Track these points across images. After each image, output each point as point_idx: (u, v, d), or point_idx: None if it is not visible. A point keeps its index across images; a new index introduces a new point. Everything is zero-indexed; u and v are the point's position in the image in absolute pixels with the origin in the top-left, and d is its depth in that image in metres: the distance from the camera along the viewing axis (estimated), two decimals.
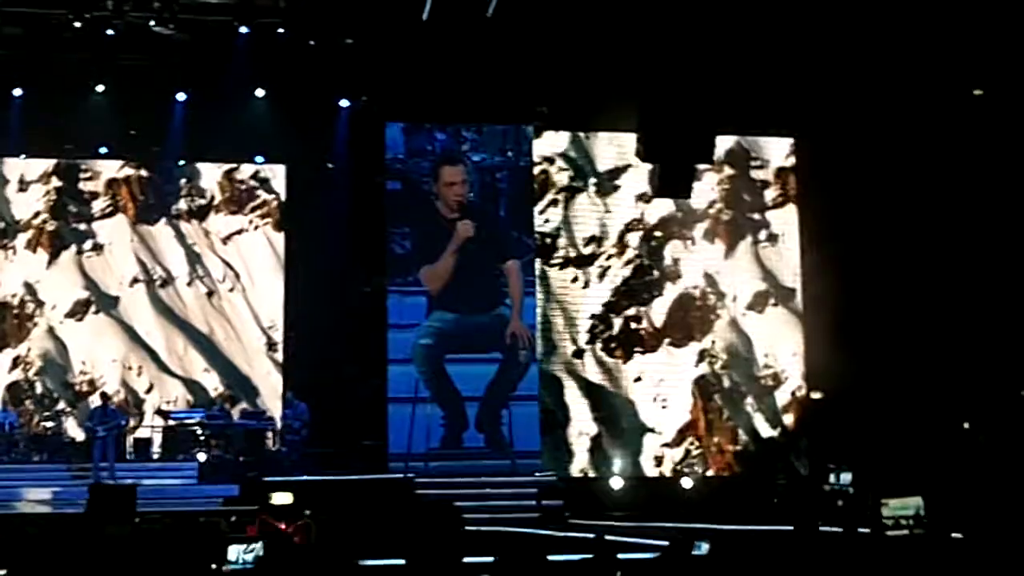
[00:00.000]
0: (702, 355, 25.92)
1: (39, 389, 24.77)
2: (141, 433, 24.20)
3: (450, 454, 23.73)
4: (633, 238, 26.08)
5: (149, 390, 25.03)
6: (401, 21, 22.31)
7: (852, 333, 24.43)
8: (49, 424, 24.12)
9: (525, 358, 24.37)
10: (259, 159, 25.77)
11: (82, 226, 25.42)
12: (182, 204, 25.76)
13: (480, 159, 24.78)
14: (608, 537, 10.67)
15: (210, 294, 25.59)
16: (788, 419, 25.91)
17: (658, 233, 26.17)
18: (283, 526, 16.15)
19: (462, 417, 24.04)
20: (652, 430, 25.55)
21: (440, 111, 24.37)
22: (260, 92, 24.53)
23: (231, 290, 25.64)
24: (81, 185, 25.51)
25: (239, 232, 25.85)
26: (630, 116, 18.07)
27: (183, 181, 25.78)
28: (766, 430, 25.80)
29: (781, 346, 26.14)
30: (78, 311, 25.15)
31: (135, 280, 25.40)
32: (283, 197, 25.91)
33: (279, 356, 25.49)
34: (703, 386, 25.84)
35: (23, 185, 25.31)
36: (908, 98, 23.94)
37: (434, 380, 24.03)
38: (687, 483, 24.39)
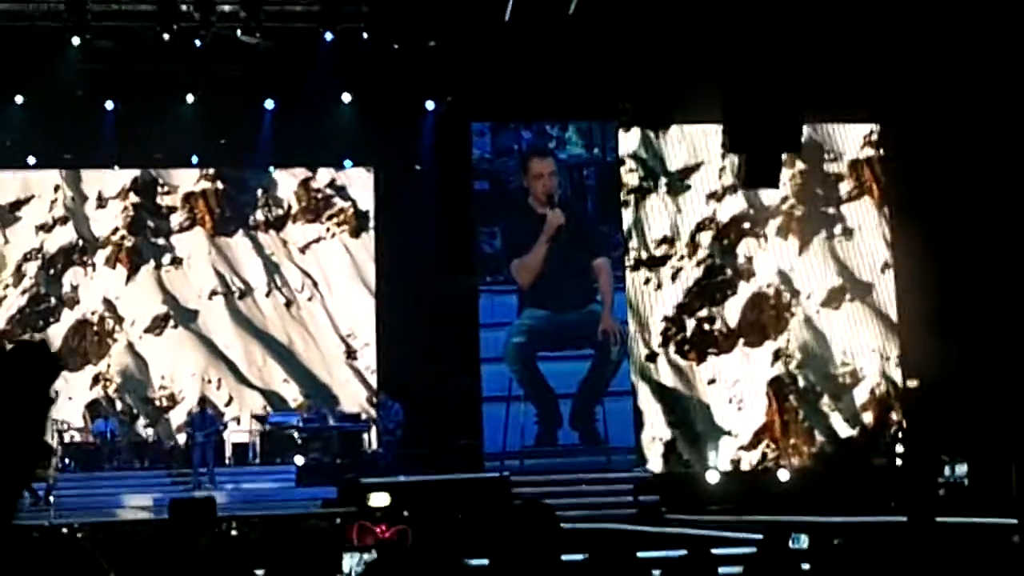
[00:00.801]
0: (777, 355, 25.71)
1: (119, 406, 25.15)
2: (239, 438, 24.49)
3: (545, 451, 23.72)
4: (705, 237, 25.92)
5: (229, 403, 25.33)
6: (483, 21, 22.37)
7: (948, 320, 24.07)
8: (149, 431, 24.48)
9: (617, 354, 24.31)
10: (347, 163, 26.02)
11: (160, 240, 25.82)
12: (259, 215, 26.09)
13: (566, 156, 24.77)
14: (705, 532, 10.63)
15: (288, 304, 25.89)
16: (868, 417, 25.59)
17: (730, 232, 25.96)
18: (380, 530, 16.25)
19: (556, 414, 24.02)
20: (728, 433, 25.41)
21: (525, 109, 24.39)
22: (346, 97, 24.73)
23: (309, 299, 25.94)
24: (159, 200, 25.93)
25: (317, 241, 26.16)
26: (713, 108, 18.05)
27: (260, 192, 26.11)
28: (845, 429, 25.51)
29: (859, 343, 25.84)
30: (157, 326, 25.54)
31: (214, 293, 25.79)
32: (360, 204, 26.18)
33: (359, 363, 25.74)
34: (778, 387, 25.62)
35: (102, 201, 25.75)
36: (995, 78, 23.54)
37: (527, 378, 24.04)
38: (784, 475, 24.18)
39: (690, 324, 25.56)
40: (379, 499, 18.64)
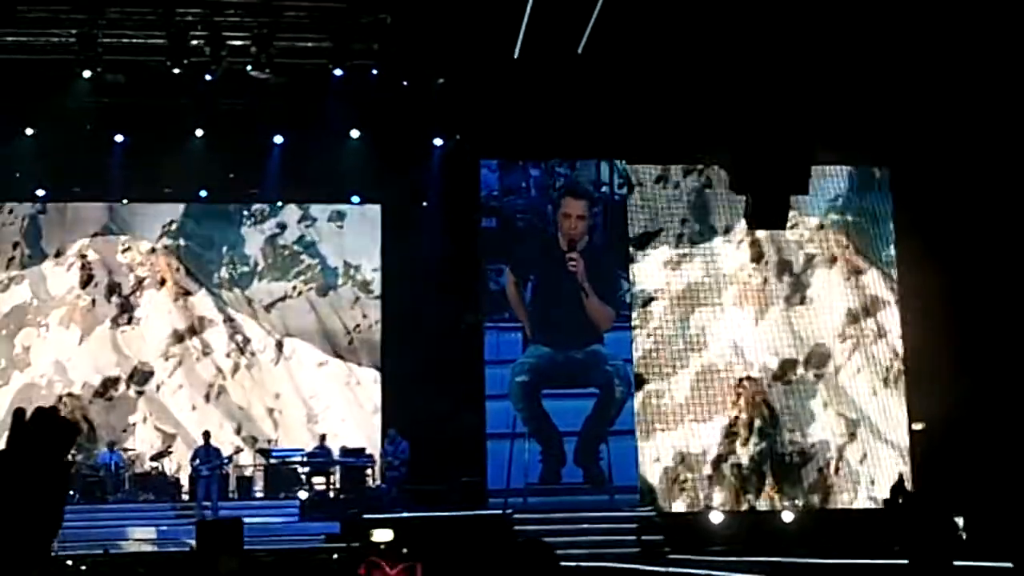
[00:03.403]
0: (727, 430, 25.41)
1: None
2: (243, 472, 24.48)
3: (549, 489, 23.71)
4: (657, 307, 25.67)
5: (238, 431, 25.40)
6: (493, 59, 22.47)
7: (955, 366, 24.04)
8: (154, 464, 24.46)
9: (621, 393, 24.31)
10: (355, 199, 26.07)
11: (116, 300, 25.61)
12: (224, 272, 26.00)
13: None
14: (708, 572, 10.59)
15: (248, 366, 25.73)
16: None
17: (685, 301, 25.75)
18: (388, 565, 16.20)
19: (560, 452, 24.00)
20: None
21: (533, 148, 24.49)
22: (355, 133, 24.82)
23: (273, 361, 25.76)
24: (119, 256, 25.72)
25: (283, 299, 26.02)
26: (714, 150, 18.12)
27: (224, 249, 25.97)
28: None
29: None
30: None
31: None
32: (329, 261, 26.11)
33: (362, 396, 25.67)
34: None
35: (59, 259, 25.55)
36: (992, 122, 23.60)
37: (531, 415, 24.03)
38: (788, 516, 24.10)
39: (639, 397, 25.10)
40: (382, 535, 18.57)
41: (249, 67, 22.91)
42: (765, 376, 25.53)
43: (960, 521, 21.05)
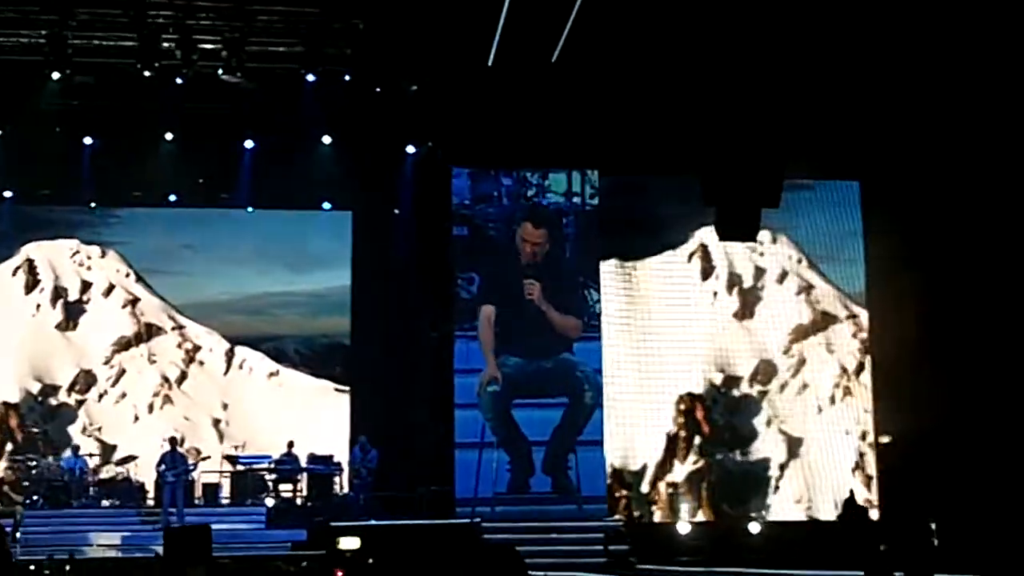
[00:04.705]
0: (667, 446, 25.27)
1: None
2: (210, 478, 24.31)
3: (517, 499, 23.66)
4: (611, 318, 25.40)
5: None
6: (466, 67, 22.42)
7: (922, 381, 24.10)
8: (119, 469, 24.27)
9: (591, 400, 24.28)
10: (326, 206, 25.94)
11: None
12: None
13: (546, 204, 24.82)
14: None
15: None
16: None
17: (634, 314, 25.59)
18: None
19: (529, 462, 23.96)
20: None
21: (505, 156, 24.44)
22: (327, 139, 24.73)
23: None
24: (66, 261, 25.44)
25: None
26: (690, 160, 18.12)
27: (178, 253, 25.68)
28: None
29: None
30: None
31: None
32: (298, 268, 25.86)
33: (330, 408, 25.47)
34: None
35: None
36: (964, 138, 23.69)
37: (501, 425, 23.98)
38: (755, 528, 24.11)
39: None
40: (349, 542, 18.51)
41: (221, 71, 22.80)
42: (709, 392, 25.48)
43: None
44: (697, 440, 25.19)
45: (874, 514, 24.28)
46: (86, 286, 25.48)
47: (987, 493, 22.88)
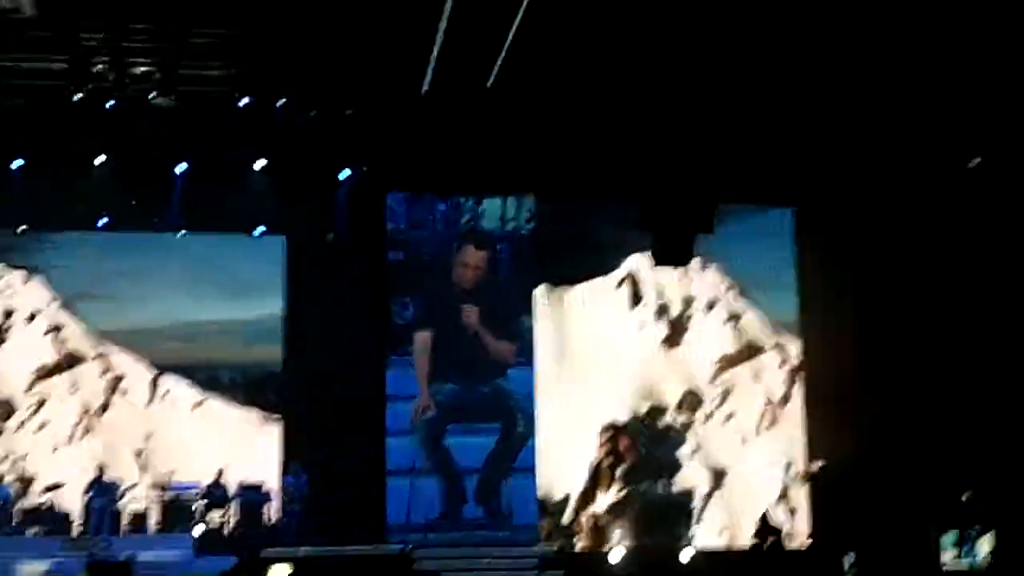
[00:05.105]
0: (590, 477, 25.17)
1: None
2: (137, 506, 23.95)
3: (449, 526, 23.55)
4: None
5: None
6: (401, 92, 22.36)
7: (855, 410, 24.22)
8: (44, 497, 23.86)
9: (524, 428, 24.21)
10: (259, 230, 25.72)
11: None
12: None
13: (481, 230, 24.79)
14: None
15: None
16: None
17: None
18: None
19: (461, 490, 23.87)
20: None
21: (440, 182, 24.41)
22: (260, 163, 24.55)
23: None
24: None
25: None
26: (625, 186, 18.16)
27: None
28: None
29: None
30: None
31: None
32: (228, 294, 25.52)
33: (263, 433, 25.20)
34: None
35: None
36: (900, 170, 23.89)
37: (433, 452, 23.87)
38: (686, 555, 24.05)
39: None
40: (280, 571, 18.33)
41: (152, 94, 22.60)
42: (635, 421, 25.42)
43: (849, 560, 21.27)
44: (621, 470, 25.11)
45: (794, 544, 24.40)
46: (8, 313, 25.02)
47: (916, 523, 23.02)
